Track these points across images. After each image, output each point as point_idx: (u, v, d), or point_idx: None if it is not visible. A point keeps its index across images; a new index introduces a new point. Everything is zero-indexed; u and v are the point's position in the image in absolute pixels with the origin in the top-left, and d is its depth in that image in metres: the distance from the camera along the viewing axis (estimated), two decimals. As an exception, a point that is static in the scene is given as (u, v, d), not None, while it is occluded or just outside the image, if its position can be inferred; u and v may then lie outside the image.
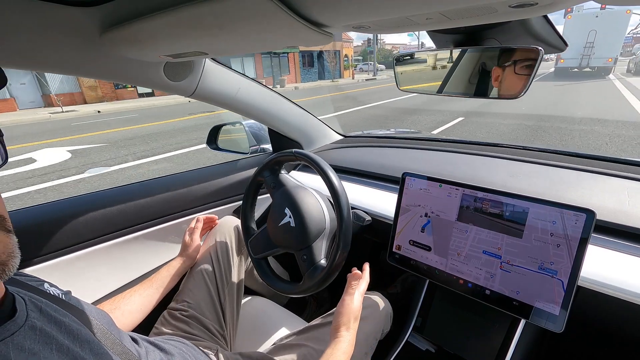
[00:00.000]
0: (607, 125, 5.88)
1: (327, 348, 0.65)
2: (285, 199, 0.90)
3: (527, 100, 8.27)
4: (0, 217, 0.35)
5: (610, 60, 16.60)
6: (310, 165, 0.85)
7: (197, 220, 0.98)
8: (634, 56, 19.50)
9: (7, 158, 0.41)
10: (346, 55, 30.57)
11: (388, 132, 1.94)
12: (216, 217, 1.03)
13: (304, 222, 0.85)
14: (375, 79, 26.38)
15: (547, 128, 5.94)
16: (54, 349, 0.37)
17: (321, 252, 0.84)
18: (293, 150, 0.90)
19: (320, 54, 27.95)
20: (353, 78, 28.64)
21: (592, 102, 8.80)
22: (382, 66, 42.65)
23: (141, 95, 18.51)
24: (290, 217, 0.87)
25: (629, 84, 12.72)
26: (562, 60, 18.18)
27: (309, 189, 0.93)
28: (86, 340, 0.42)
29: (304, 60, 27.52)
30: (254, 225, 0.99)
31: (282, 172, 0.97)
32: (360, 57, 51.37)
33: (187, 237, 0.94)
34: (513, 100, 0.63)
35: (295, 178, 1.21)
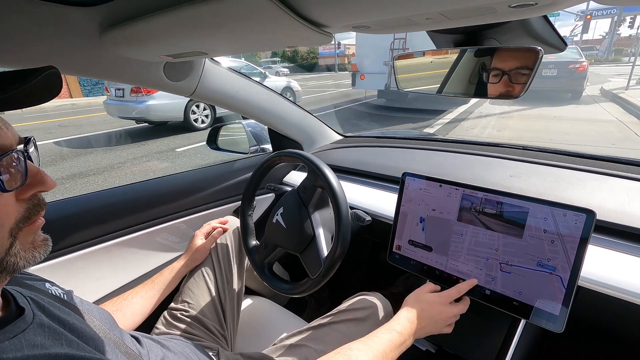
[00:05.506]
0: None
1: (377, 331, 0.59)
2: (281, 200, 0.91)
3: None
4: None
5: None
6: (305, 164, 0.86)
7: (213, 228, 0.97)
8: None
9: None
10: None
11: (388, 132, 1.94)
12: (227, 220, 1.02)
13: (295, 225, 0.86)
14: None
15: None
16: (64, 343, 0.37)
17: (322, 249, 0.84)
18: (283, 151, 0.91)
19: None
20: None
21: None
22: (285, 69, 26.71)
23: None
24: (281, 218, 0.88)
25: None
26: (362, 77, 8.86)
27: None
28: (90, 337, 0.42)
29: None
30: (253, 235, 0.99)
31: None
32: (278, 59, 37.26)
33: (197, 241, 0.93)
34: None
35: (295, 179, 1.21)
